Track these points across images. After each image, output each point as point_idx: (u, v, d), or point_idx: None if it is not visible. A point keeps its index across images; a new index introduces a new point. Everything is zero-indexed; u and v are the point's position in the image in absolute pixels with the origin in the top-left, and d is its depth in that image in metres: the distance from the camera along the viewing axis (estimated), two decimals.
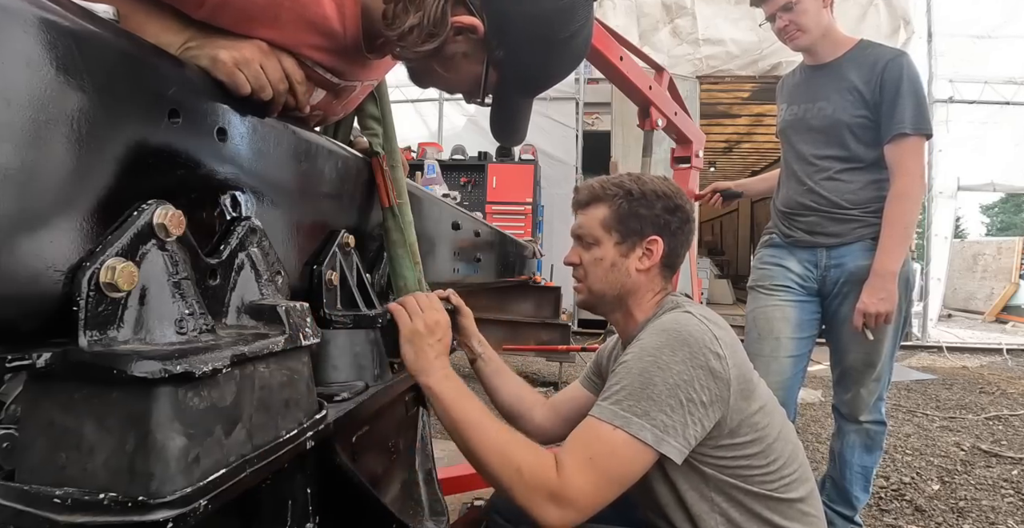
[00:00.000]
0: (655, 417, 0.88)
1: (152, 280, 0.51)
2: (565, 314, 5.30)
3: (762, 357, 1.81)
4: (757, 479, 0.95)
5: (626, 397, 0.90)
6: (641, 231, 1.07)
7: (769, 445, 0.96)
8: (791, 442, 1.02)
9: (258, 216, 0.70)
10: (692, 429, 0.89)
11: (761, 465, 0.95)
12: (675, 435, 0.88)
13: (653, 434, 0.87)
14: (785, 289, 1.84)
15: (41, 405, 0.47)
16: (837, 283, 1.77)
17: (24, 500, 0.44)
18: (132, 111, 0.51)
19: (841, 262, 1.76)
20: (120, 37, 0.50)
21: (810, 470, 1.05)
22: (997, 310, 9.23)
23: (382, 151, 1.06)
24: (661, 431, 0.87)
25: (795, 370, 1.82)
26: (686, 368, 0.90)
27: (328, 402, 0.75)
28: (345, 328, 0.91)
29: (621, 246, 1.07)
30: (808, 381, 4.11)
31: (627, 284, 1.08)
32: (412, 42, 0.79)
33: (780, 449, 0.97)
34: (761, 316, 1.86)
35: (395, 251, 1.06)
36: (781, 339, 1.81)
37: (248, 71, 0.64)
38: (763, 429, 0.96)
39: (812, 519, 0.98)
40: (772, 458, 0.96)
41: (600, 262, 1.08)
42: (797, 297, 1.83)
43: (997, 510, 2.23)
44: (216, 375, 0.50)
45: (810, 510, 0.99)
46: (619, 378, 0.93)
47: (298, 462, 0.64)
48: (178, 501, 0.45)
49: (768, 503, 0.95)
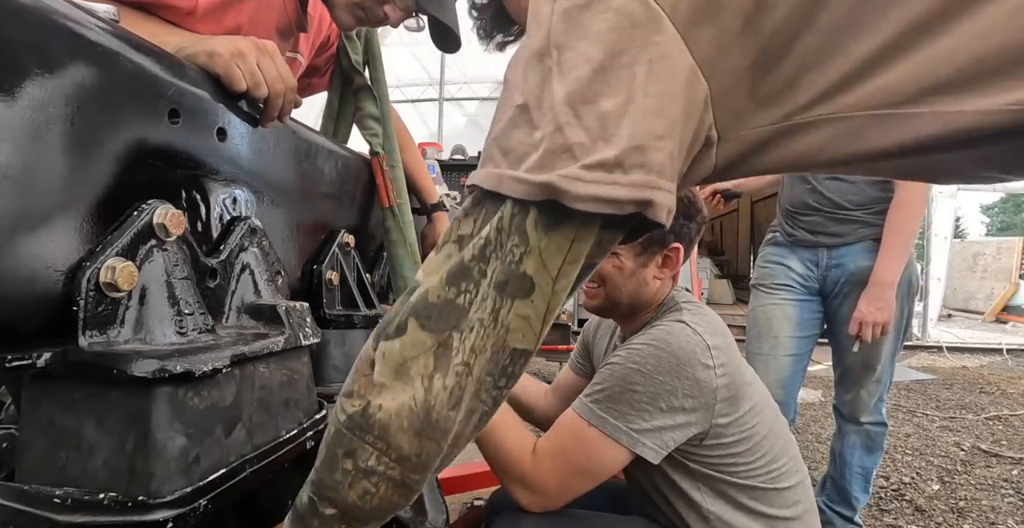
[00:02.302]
0: (632, 421, 0.90)
1: (152, 280, 0.51)
2: (565, 314, 5.30)
3: (761, 355, 1.83)
4: (743, 473, 0.96)
5: (606, 399, 0.91)
6: (663, 240, 1.06)
7: (757, 443, 0.96)
8: (782, 436, 1.02)
9: (258, 216, 0.70)
10: (671, 433, 0.91)
11: (748, 461, 0.96)
12: (652, 438, 0.90)
13: (628, 436, 0.89)
14: (786, 288, 1.85)
15: (41, 405, 0.47)
16: (838, 283, 1.78)
17: (24, 500, 0.44)
18: (132, 111, 0.51)
19: (842, 262, 1.76)
20: (120, 36, 0.50)
21: (802, 461, 1.05)
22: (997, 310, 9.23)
23: (382, 151, 1.06)
24: (637, 434, 0.89)
25: (794, 369, 1.83)
26: (670, 378, 0.90)
27: (328, 402, 0.75)
28: (345, 328, 0.91)
29: (641, 256, 1.06)
30: (808, 381, 4.12)
31: (644, 293, 1.07)
32: None
33: (769, 445, 0.98)
34: (761, 315, 1.87)
35: (395, 251, 1.06)
36: (780, 338, 1.82)
37: (244, 67, 0.64)
38: (752, 428, 0.96)
39: (801, 507, 0.99)
40: (760, 454, 0.96)
41: (620, 271, 1.06)
42: (798, 296, 1.84)
43: (997, 510, 2.23)
44: (216, 375, 0.50)
45: (798, 498, 0.99)
46: (604, 378, 0.94)
47: (298, 462, 0.64)
48: (178, 501, 0.45)
49: (755, 493, 0.96)
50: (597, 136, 0.39)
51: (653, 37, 0.40)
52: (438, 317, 0.44)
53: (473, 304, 0.43)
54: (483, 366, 0.45)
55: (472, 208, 0.45)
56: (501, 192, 0.42)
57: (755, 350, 1.85)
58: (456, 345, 0.44)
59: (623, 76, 0.40)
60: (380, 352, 0.46)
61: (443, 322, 0.44)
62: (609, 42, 0.40)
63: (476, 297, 0.43)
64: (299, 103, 0.74)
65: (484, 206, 0.45)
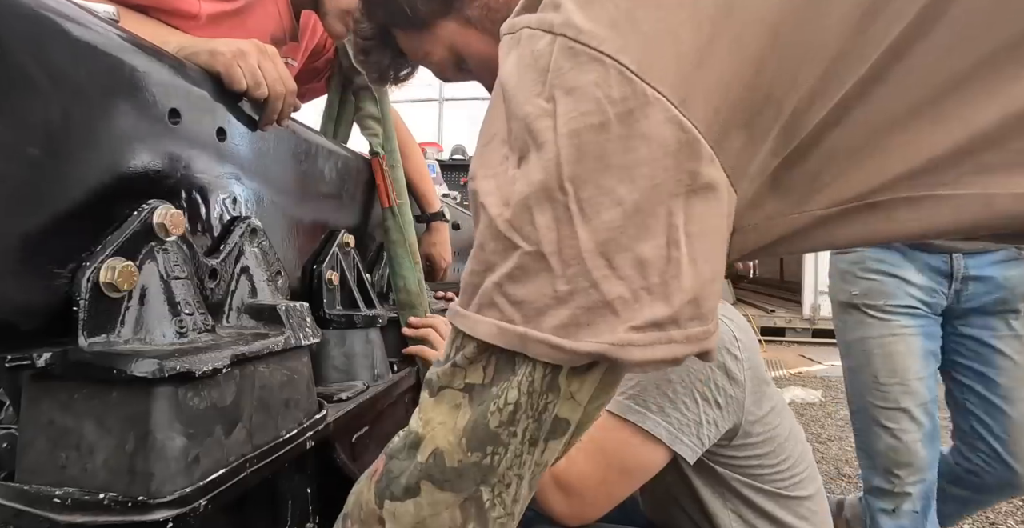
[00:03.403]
0: (670, 414, 0.88)
1: (152, 280, 0.51)
2: None
3: (885, 408, 1.35)
4: (768, 477, 0.95)
5: (642, 392, 0.89)
6: None
7: (780, 444, 0.96)
8: (801, 442, 1.02)
9: (258, 216, 0.70)
10: (706, 430, 0.89)
11: (772, 464, 0.96)
12: (689, 434, 0.88)
13: (668, 431, 0.87)
14: (907, 312, 1.35)
15: (41, 405, 0.47)
16: (980, 300, 1.32)
17: (24, 500, 0.44)
18: (132, 111, 0.51)
19: (985, 273, 1.31)
20: (120, 36, 0.50)
21: (817, 470, 1.05)
22: None
23: (382, 151, 1.06)
24: (676, 429, 0.87)
25: (934, 423, 1.38)
26: (703, 367, 0.89)
27: (328, 402, 0.75)
28: (345, 328, 0.91)
29: None
30: (808, 381, 4.11)
31: None
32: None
33: (791, 448, 0.98)
34: (877, 349, 1.36)
35: (395, 251, 1.06)
36: (910, 382, 1.34)
37: (245, 66, 0.64)
38: (775, 428, 0.96)
39: (819, 517, 0.99)
40: (783, 457, 0.96)
41: None
42: (922, 323, 1.35)
43: (997, 510, 2.23)
44: (216, 375, 0.50)
45: (817, 509, 0.99)
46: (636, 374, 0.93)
47: (298, 462, 0.64)
48: (178, 501, 0.45)
49: (779, 501, 0.95)
50: (639, 287, 0.34)
51: (689, 165, 0.34)
52: (459, 479, 0.40)
53: (503, 461, 0.39)
54: (527, 497, 0.42)
55: (478, 356, 0.39)
56: (525, 354, 0.37)
57: (876, 400, 1.36)
58: (488, 498, 0.40)
59: (659, 214, 0.34)
60: (389, 512, 0.41)
61: (467, 482, 0.40)
62: (640, 177, 0.34)
63: (506, 455, 0.39)
64: (298, 107, 0.74)
65: (496, 359, 0.39)
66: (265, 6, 0.98)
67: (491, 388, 0.39)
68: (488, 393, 0.39)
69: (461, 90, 7.38)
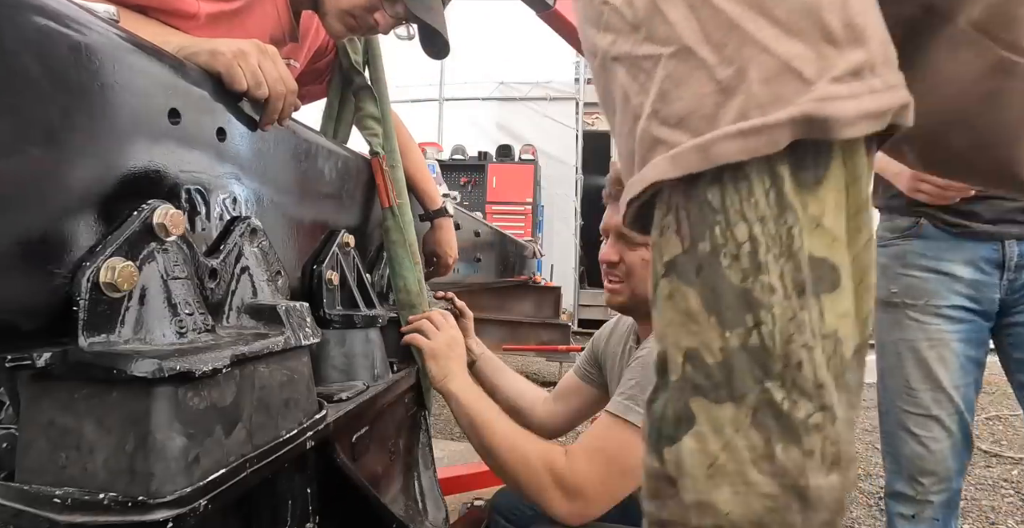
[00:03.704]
0: None
1: (152, 280, 0.51)
2: (565, 314, 5.30)
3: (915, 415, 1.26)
4: None
5: (640, 392, 0.89)
6: None
7: None
8: None
9: (258, 216, 0.70)
10: None
11: None
12: None
13: None
14: (949, 315, 1.24)
15: (41, 405, 0.47)
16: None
17: (24, 500, 0.44)
18: (132, 110, 0.51)
19: None
20: (120, 36, 0.50)
21: None
22: None
23: (382, 151, 1.06)
24: None
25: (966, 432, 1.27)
26: None
27: (328, 402, 0.75)
28: (345, 328, 0.91)
29: None
30: None
31: None
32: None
33: None
34: (909, 354, 1.27)
35: (395, 251, 1.07)
36: (944, 391, 1.24)
37: (246, 66, 0.64)
38: None
39: None
40: None
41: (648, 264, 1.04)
42: (965, 327, 1.25)
43: (997, 510, 2.23)
44: (216, 375, 0.50)
45: None
46: (636, 373, 0.93)
47: (298, 462, 0.64)
48: (178, 501, 0.45)
49: None
50: (818, 40, 0.29)
51: None
52: (732, 377, 0.31)
53: (776, 332, 0.30)
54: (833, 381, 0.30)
55: (662, 219, 0.33)
56: (717, 165, 0.30)
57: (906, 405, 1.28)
58: (782, 396, 0.30)
59: None
60: (672, 463, 0.32)
61: (745, 378, 0.30)
62: None
63: (776, 323, 0.30)
64: (298, 107, 0.74)
65: (682, 207, 0.32)
66: (264, 6, 0.98)
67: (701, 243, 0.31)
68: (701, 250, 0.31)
69: (461, 90, 7.38)
